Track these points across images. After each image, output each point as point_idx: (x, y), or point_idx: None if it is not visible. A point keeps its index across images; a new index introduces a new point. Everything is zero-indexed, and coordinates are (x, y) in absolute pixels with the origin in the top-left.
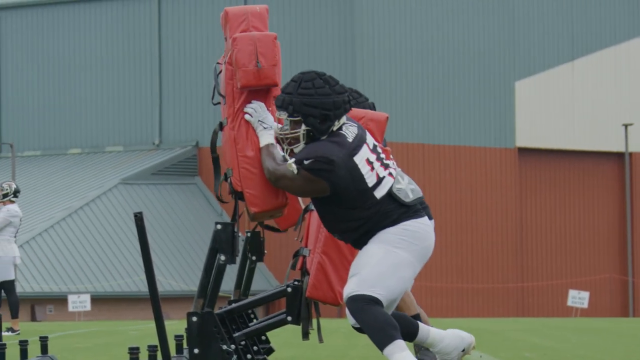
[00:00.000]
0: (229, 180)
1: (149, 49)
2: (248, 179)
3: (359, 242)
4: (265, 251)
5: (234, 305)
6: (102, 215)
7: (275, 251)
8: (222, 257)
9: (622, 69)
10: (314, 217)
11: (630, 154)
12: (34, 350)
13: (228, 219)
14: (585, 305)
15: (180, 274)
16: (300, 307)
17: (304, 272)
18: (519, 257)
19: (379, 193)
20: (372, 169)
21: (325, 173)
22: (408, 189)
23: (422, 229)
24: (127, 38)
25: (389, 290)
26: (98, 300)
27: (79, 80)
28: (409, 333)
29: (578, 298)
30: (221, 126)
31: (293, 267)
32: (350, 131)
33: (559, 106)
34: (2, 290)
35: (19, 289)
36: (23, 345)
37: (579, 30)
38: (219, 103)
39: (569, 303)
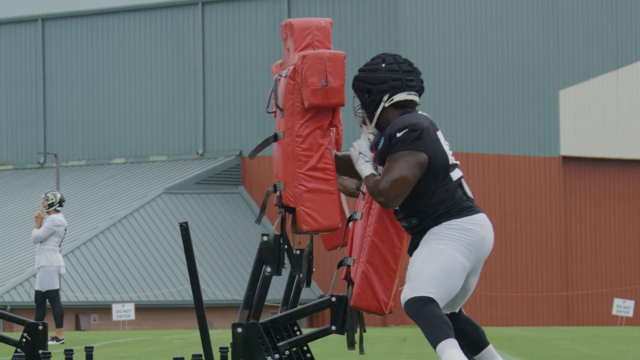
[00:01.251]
0: (278, 192)
1: (193, 59)
2: (303, 196)
3: (423, 230)
4: (314, 269)
5: (278, 314)
6: (145, 224)
7: (319, 261)
8: (268, 269)
9: None
10: (358, 227)
11: None
12: (78, 359)
13: (268, 230)
14: (631, 314)
15: (224, 283)
16: (344, 317)
17: (349, 281)
18: (564, 266)
19: (454, 176)
20: (448, 150)
21: (421, 142)
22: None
23: (469, 227)
24: (171, 48)
25: (443, 287)
26: (142, 309)
27: (123, 90)
28: (476, 346)
29: (623, 307)
30: (276, 138)
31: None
32: (424, 115)
33: (603, 115)
34: (47, 300)
35: (63, 299)
36: (68, 354)
37: (624, 39)
38: (273, 112)
39: (614, 312)
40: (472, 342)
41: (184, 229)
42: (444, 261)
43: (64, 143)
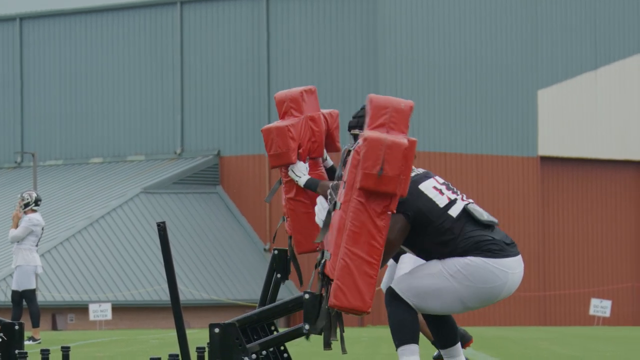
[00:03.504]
0: (323, 260)
1: (171, 58)
2: (342, 271)
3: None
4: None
5: (248, 313)
6: (123, 224)
7: (298, 258)
8: (279, 275)
9: None
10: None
11: None
12: (55, 359)
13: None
14: (608, 314)
15: (201, 283)
16: (317, 315)
17: (324, 277)
18: (541, 266)
19: (454, 212)
20: (442, 193)
21: (399, 206)
22: (484, 211)
23: (488, 269)
24: (149, 47)
25: (424, 304)
26: (119, 309)
27: (101, 90)
28: (446, 341)
29: (600, 307)
30: (334, 206)
31: (317, 265)
32: (414, 171)
33: (582, 115)
34: (24, 299)
35: (40, 298)
36: (44, 354)
37: (602, 39)
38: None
39: (591, 312)
40: (444, 338)
41: (162, 229)
42: (444, 292)
43: (41, 142)
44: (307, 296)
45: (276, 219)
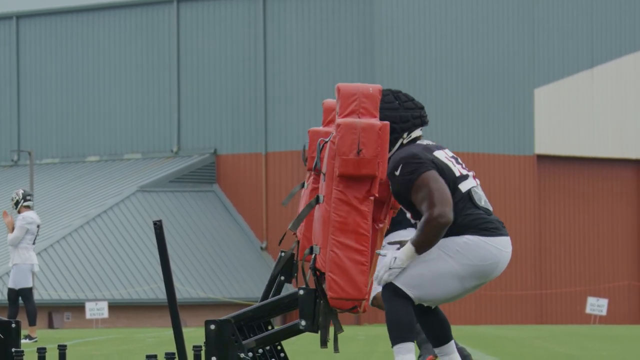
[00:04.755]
0: (313, 255)
1: (168, 57)
2: (333, 263)
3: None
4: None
5: (243, 309)
6: (119, 222)
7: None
8: (282, 277)
9: None
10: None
11: None
12: (52, 357)
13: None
14: (604, 313)
15: (197, 281)
16: (314, 312)
17: (315, 271)
18: (538, 265)
19: (463, 187)
20: (453, 165)
21: (421, 165)
22: (482, 196)
23: (486, 248)
24: (146, 46)
25: (425, 293)
26: (115, 307)
27: (98, 88)
28: (439, 340)
29: (597, 305)
30: (317, 201)
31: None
32: (425, 141)
33: (578, 113)
34: (20, 298)
35: (36, 297)
36: (41, 352)
37: (599, 38)
38: (311, 170)
39: (588, 310)
40: (437, 337)
41: (158, 227)
42: (445, 275)
43: (38, 141)
44: (302, 292)
45: (273, 218)
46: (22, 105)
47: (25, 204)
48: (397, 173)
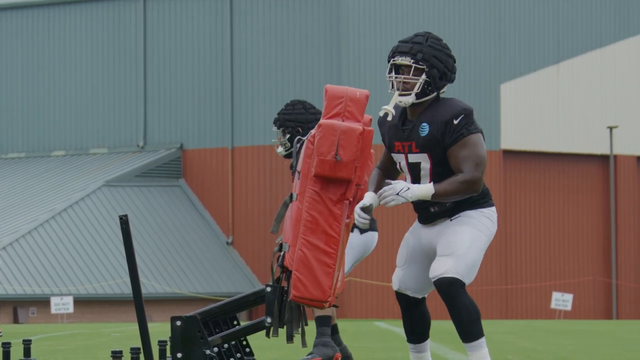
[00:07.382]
0: (282, 253)
1: (134, 51)
2: (300, 262)
3: (451, 214)
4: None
5: (210, 306)
6: (85, 217)
7: (259, 251)
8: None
9: (607, 72)
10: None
11: (615, 157)
12: (16, 352)
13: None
14: (569, 308)
15: (163, 276)
16: (280, 308)
17: (283, 269)
18: (503, 259)
19: None
20: None
21: (477, 125)
22: None
23: (495, 218)
24: (112, 40)
25: (471, 278)
26: (81, 302)
27: (64, 82)
28: (416, 334)
29: (562, 300)
30: (291, 198)
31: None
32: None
33: (544, 109)
34: None
35: (1, 291)
36: (6, 347)
37: (565, 33)
38: (292, 169)
39: (553, 305)
40: (416, 332)
41: (124, 222)
42: (481, 252)
43: (3, 135)
44: (268, 289)
45: (239, 213)
46: None
47: None
48: (456, 122)
